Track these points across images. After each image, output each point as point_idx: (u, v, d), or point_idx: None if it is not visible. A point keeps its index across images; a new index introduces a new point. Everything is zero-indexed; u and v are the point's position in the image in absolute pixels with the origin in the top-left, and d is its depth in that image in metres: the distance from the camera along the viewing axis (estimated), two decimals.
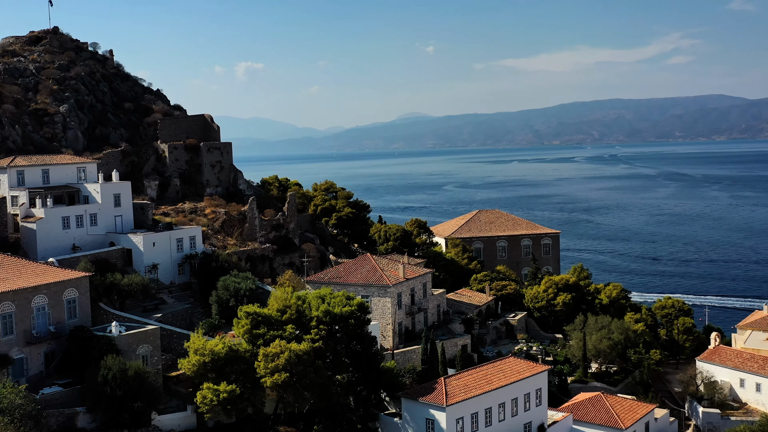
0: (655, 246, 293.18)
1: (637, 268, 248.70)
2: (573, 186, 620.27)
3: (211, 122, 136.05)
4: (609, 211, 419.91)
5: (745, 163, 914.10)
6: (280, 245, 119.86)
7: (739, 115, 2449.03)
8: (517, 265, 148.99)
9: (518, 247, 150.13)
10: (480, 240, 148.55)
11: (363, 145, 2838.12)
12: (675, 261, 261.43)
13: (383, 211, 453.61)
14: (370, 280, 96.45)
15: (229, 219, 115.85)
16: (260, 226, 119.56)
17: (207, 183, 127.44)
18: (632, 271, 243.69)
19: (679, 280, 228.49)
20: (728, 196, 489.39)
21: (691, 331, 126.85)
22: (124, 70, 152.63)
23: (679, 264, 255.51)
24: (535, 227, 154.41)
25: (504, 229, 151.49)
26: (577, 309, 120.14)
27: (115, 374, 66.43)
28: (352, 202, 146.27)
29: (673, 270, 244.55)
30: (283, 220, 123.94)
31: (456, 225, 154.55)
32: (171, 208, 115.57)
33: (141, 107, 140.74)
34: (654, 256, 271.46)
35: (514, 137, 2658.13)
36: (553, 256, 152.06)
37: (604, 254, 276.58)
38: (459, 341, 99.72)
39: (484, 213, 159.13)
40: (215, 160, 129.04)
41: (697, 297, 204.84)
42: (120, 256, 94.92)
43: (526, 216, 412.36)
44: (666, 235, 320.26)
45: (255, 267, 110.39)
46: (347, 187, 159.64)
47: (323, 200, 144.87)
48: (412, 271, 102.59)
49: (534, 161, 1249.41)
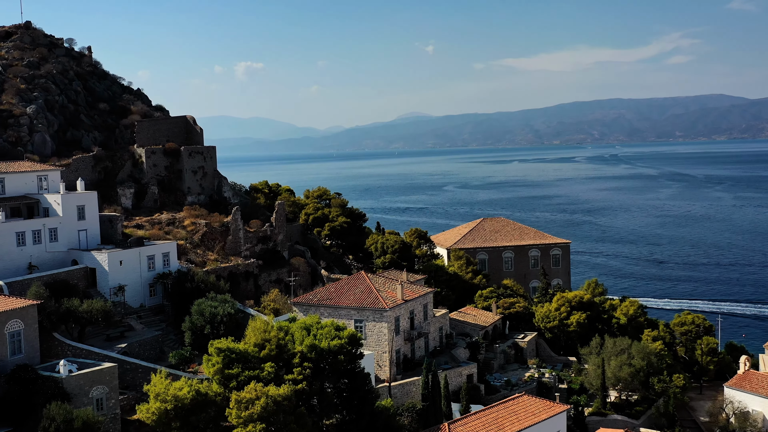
0: (660, 248, 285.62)
1: (642, 272, 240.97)
2: (574, 186, 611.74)
3: (194, 124, 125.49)
4: (611, 212, 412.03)
5: (746, 164, 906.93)
6: (266, 259, 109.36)
7: (740, 115, 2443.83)
8: (525, 277, 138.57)
9: (526, 258, 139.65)
10: (485, 251, 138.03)
11: (363, 144, 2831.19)
12: (681, 264, 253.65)
13: (383, 212, 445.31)
14: (364, 303, 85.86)
15: (210, 231, 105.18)
16: (245, 238, 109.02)
17: (188, 191, 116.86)
18: (637, 275, 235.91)
19: (686, 285, 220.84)
20: (732, 197, 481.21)
21: (715, 353, 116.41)
22: (101, 67, 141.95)
23: (686, 267, 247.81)
24: (543, 236, 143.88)
25: (510, 239, 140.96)
26: (592, 329, 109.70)
27: (59, 426, 55.95)
28: (347, 210, 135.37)
29: (680, 274, 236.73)
30: (271, 232, 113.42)
31: (459, 234, 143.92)
32: (146, 220, 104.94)
33: (118, 108, 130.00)
34: (659, 259, 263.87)
35: (514, 137, 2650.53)
36: (563, 267, 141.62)
37: (608, 257, 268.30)
38: (464, 370, 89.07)
39: (488, 221, 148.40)
40: (197, 166, 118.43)
41: (706, 302, 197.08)
42: (82, 276, 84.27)
43: (529, 218, 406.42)
44: (670, 237, 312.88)
45: (238, 285, 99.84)
46: (346, 189, 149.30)
47: (315, 209, 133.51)
48: (411, 291, 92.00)
49: (534, 161, 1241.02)
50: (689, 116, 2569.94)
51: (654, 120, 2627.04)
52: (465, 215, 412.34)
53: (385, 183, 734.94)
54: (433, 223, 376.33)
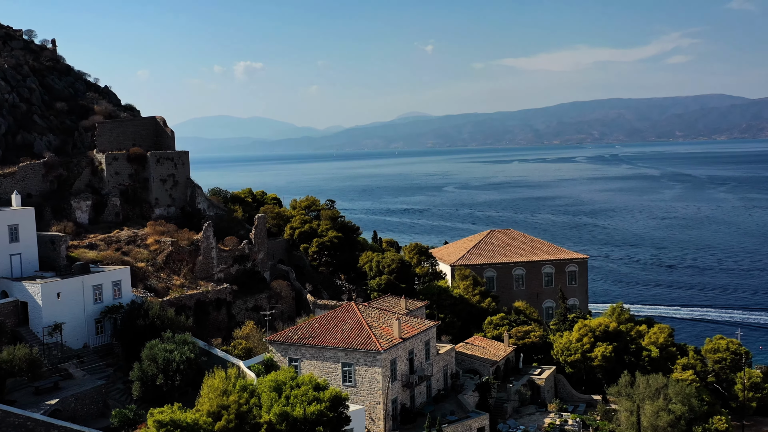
0: (667, 252, 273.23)
1: (650, 278, 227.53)
2: (576, 187, 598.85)
3: (164, 126, 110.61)
4: (615, 213, 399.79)
5: (749, 164, 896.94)
6: (243, 283, 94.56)
7: (740, 115, 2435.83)
8: (537, 297, 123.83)
9: (538, 276, 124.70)
10: (493, 267, 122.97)
11: (362, 144, 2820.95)
12: (690, 269, 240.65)
13: (382, 213, 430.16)
14: (354, 343, 71.05)
15: (176, 251, 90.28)
16: (218, 258, 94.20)
17: (156, 202, 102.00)
18: (645, 281, 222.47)
19: (697, 292, 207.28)
20: (736, 198, 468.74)
21: (759, 387, 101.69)
22: (64, 62, 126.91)
23: (695, 273, 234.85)
24: (558, 251, 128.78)
25: (521, 254, 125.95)
26: (619, 362, 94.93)
27: None
28: (338, 223, 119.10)
29: (690, 280, 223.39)
30: (249, 250, 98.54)
31: (464, 248, 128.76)
32: (102, 238, 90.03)
33: (78, 108, 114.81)
34: (667, 264, 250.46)
35: (514, 137, 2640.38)
36: (580, 285, 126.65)
37: (614, 262, 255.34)
38: (473, 423, 74.09)
39: (496, 233, 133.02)
40: (167, 174, 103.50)
41: (718, 311, 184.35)
42: (12, 312, 69.43)
43: (531, 221, 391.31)
44: (677, 241, 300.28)
45: (206, 316, 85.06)
46: (344, 190, 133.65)
47: (302, 222, 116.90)
48: (410, 326, 77.13)
49: (535, 161, 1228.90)
50: (689, 116, 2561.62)
51: (654, 120, 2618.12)
52: (465, 217, 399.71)
53: (385, 183, 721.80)
54: (433, 225, 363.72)
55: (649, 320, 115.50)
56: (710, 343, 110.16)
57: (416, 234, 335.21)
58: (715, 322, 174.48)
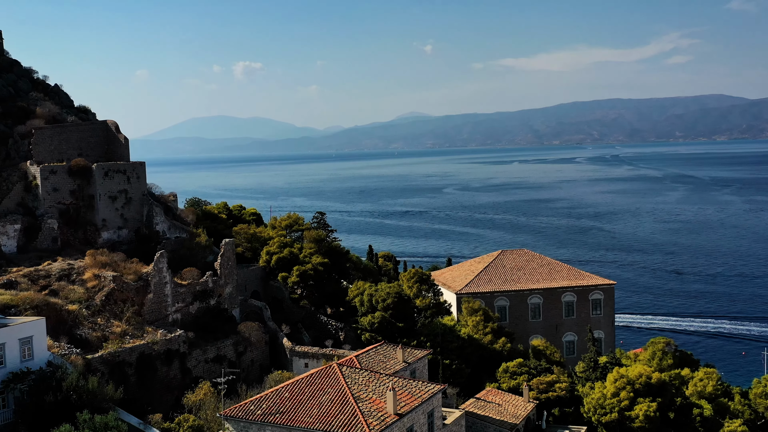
0: (675, 258, 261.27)
1: (659, 286, 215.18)
2: (578, 189, 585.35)
3: (117, 132, 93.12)
4: (618, 217, 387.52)
5: (751, 165, 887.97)
6: (205, 325, 77.05)
7: (740, 115, 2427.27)
8: (557, 329, 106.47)
9: (558, 305, 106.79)
10: (505, 296, 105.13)
11: (362, 144, 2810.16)
12: (700, 276, 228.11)
13: (381, 216, 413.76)
14: (334, 424, 53.54)
15: (120, 288, 72.65)
16: (174, 295, 76.65)
17: (103, 225, 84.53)
18: (655, 290, 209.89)
19: (710, 302, 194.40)
20: (742, 201, 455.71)
21: None
22: (9, 56, 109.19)
23: (706, 280, 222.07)
24: (579, 276, 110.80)
25: (538, 279, 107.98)
26: (665, 422, 77.68)
27: None
28: (324, 246, 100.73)
29: (701, 288, 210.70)
30: (214, 283, 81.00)
31: (471, 272, 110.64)
32: (27, 273, 72.41)
33: (16, 110, 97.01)
34: (676, 270, 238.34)
35: (514, 137, 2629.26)
36: (605, 316, 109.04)
37: (622, 268, 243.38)
38: None
39: (508, 255, 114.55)
40: (118, 190, 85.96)
41: (733, 323, 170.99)
42: None
43: (533, 224, 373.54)
44: (685, 246, 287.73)
45: (154, 373, 67.55)
46: (343, 191, 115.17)
47: (281, 245, 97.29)
48: (409, 394, 59.55)
49: (535, 162, 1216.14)
50: (689, 116, 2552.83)
51: (654, 120, 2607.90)
52: (466, 220, 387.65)
53: (384, 185, 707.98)
54: (433, 229, 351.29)
55: (690, 358, 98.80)
56: (759, 386, 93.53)
57: (416, 238, 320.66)
58: (733, 336, 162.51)
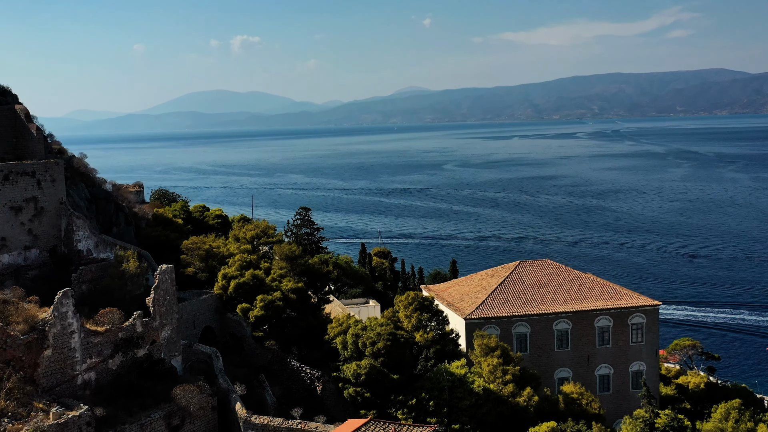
0: (686, 240, 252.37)
1: (671, 271, 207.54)
2: (580, 165, 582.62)
3: (27, 121, 73.07)
4: (624, 195, 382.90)
5: (754, 140, 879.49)
6: (130, 387, 53.63)
7: (741, 90, 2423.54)
8: (588, 361, 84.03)
9: (590, 331, 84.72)
10: (525, 321, 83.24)
11: (361, 119, 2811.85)
12: (714, 260, 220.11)
13: (380, 195, 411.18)
14: None
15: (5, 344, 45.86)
16: (86, 348, 51.46)
17: (2, 244, 64.47)
18: (667, 275, 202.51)
19: (726, 289, 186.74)
20: (749, 178, 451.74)
21: None
22: None
23: (720, 265, 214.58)
24: (615, 293, 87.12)
25: (565, 299, 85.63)
26: None
27: None
28: (299, 265, 79.65)
29: (715, 274, 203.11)
30: (145, 327, 56.98)
31: (483, 289, 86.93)
32: None
33: None
34: (688, 253, 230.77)
35: (514, 112, 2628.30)
36: (648, 344, 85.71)
37: (630, 251, 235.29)
38: None
39: (527, 267, 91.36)
40: (24, 198, 65.72)
41: (755, 313, 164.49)
42: None
43: (537, 202, 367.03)
44: (696, 227, 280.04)
45: None
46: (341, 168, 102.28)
47: (243, 266, 75.18)
48: None
49: (535, 137, 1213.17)
50: (690, 91, 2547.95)
51: (654, 94, 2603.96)
52: (467, 198, 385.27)
53: (382, 161, 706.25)
54: (433, 208, 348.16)
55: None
56: None
57: (415, 218, 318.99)
58: (755, 330, 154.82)
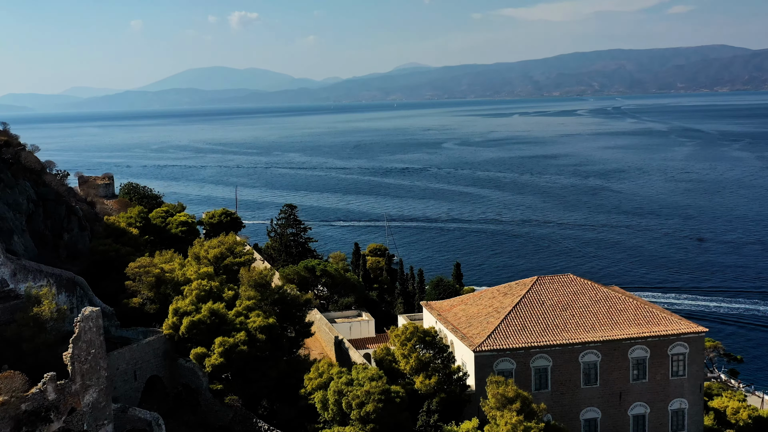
0: (694, 223, 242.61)
1: (680, 257, 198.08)
2: (581, 144, 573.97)
3: None
4: (627, 175, 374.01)
5: (757, 117, 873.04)
6: None
7: (742, 66, 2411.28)
8: (620, 399, 68.04)
9: (623, 363, 68.07)
10: (546, 353, 66.23)
11: (360, 96, 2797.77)
12: (723, 245, 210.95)
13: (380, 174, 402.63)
14: None
15: None
16: None
17: None
18: (676, 261, 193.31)
19: (737, 276, 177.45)
20: (754, 158, 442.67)
21: None
22: None
23: (731, 249, 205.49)
24: (652, 317, 70.27)
25: (593, 325, 68.53)
26: None
27: None
28: (273, 295, 64.37)
29: (726, 260, 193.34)
30: (60, 392, 44.00)
31: (496, 311, 70.45)
32: None
33: None
34: (697, 236, 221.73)
35: (514, 88, 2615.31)
36: (691, 377, 69.33)
37: (638, 235, 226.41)
38: None
39: (547, 285, 73.43)
40: None
41: None
42: None
43: (540, 183, 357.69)
44: (702, 208, 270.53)
45: None
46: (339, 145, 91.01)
47: (199, 299, 60.91)
48: None
49: (536, 114, 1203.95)
50: (691, 67, 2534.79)
51: (655, 71, 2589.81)
52: (468, 178, 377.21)
53: (382, 139, 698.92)
54: (433, 189, 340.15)
55: None
56: None
57: (415, 200, 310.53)
58: None
